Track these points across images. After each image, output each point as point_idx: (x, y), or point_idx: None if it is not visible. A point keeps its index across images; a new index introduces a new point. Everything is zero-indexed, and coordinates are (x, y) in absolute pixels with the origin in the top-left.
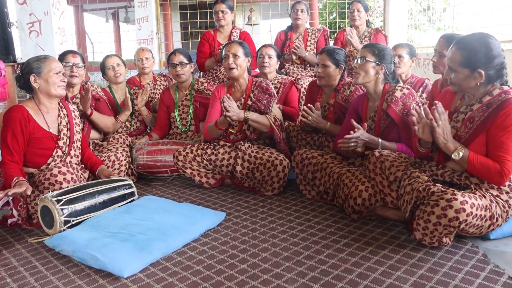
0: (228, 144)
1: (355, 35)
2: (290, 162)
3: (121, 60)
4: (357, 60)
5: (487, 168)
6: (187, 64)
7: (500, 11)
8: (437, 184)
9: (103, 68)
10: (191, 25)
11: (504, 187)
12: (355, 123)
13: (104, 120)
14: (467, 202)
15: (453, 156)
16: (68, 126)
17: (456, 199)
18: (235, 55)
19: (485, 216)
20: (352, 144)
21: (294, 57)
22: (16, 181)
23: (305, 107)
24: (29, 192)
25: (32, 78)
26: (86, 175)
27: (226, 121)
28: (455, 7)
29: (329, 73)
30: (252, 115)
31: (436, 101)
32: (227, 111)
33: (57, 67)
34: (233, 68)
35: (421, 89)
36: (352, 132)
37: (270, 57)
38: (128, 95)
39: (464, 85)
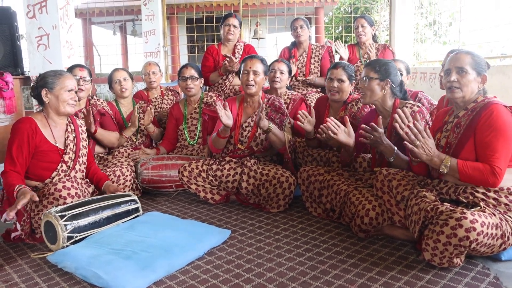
0: (234, 160)
1: (373, 49)
2: (296, 178)
3: (129, 74)
4: (362, 80)
5: (478, 171)
6: (197, 78)
7: (505, 26)
8: (445, 203)
9: (110, 81)
10: (198, 39)
11: None
12: (380, 120)
13: (108, 137)
14: (477, 221)
15: (440, 170)
16: (75, 141)
17: (465, 218)
18: (256, 73)
19: (496, 234)
20: (373, 137)
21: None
22: (18, 189)
23: (322, 126)
24: (36, 198)
25: (43, 92)
26: (91, 189)
27: (227, 129)
28: (461, 21)
29: (344, 88)
30: (275, 128)
31: (411, 123)
32: (220, 114)
33: (69, 84)
34: (252, 85)
35: None
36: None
37: (282, 73)
38: (136, 114)
39: (469, 87)
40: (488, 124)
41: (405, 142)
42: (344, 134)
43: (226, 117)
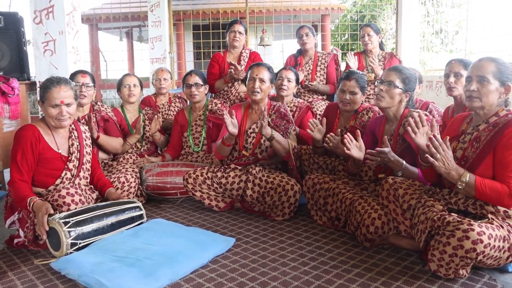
0: (239, 168)
1: (376, 60)
2: (301, 186)
3: (139, 82)
4: (383, 83)
5: (496, 192)
6: (202, 85)
7: None
8: (452, 214)
9: (119, 85)
10: (204, 45)
11: None
12: (386, 140)
13: (112, 143)
14: (484, 233)
15: (457, 185)
16: (79, 148)
17: (473, 230)
18: (262, 80)
19: (503, 247)
20: (379, 159)
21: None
22: (31, 202)
23: (329, 135)
24: (51, 211)
25: (39, 103)
26: (95, 196)
27: (232, 137)
28: (468, 30)
29: (357, 100)
30: (278, 135)
31: (432, 136)
32: (227, 123)
33: (54, 99)
34: (257, 92)
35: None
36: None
37: (289, 81)
38: (141, 122)
39: (489, 98)
40: (511, 144)
41: (426, 155)
42: (356, 149)
43: (232, 125)
